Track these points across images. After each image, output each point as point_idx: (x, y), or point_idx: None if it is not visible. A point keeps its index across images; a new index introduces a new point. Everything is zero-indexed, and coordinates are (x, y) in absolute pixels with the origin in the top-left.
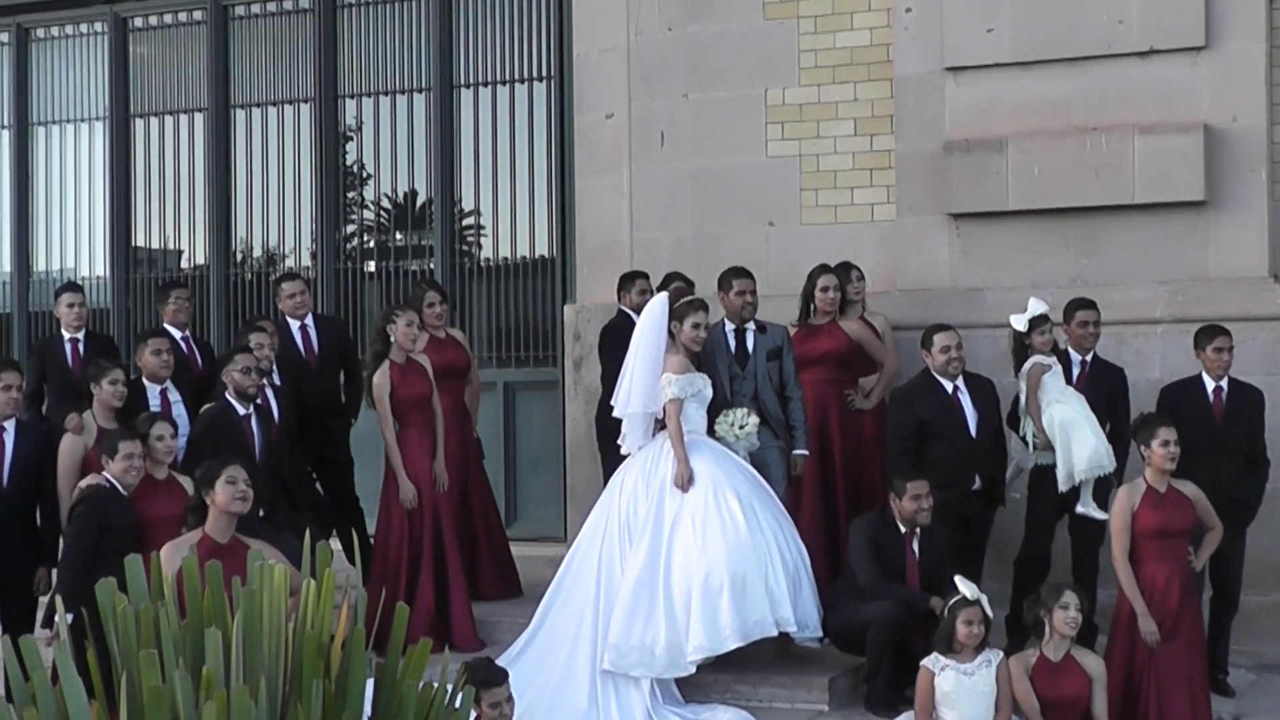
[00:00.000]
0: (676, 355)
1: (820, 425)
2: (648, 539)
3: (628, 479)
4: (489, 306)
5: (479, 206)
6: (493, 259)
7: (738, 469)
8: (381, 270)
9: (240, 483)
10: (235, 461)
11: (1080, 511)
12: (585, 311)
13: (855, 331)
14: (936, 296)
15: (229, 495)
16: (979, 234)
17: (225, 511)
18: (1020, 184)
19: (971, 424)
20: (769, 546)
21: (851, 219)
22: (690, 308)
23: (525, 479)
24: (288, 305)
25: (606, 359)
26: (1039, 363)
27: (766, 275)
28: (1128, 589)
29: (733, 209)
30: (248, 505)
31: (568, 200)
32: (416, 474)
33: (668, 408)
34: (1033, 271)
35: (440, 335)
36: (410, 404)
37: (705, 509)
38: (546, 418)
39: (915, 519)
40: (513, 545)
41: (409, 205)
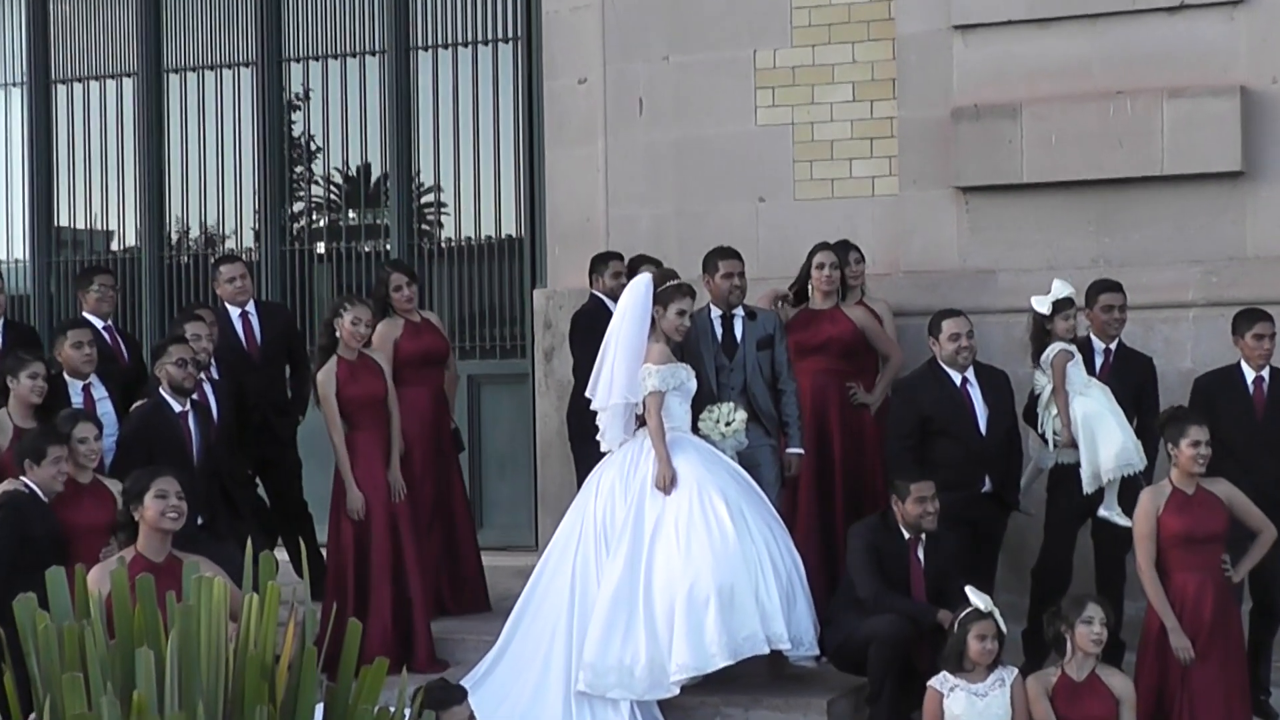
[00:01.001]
0: (658, 344)
1: (818, 421)
2: (626, 547)
3: (604, 481)
4: (451, 292)
5: (439, 182)
6: (454, 239)
7: (725, 470)
8: (332, 252)
9: (172, 496)
10: (166, 472)
11: (1103, 515)
12: (556, 297)
13: (860, 318)
14: (944, 279)
15: (159, 510)
16: (990, 210)
17: (156, 529)
18: (1036, 154)
19: (981, 419)
20: (760, 555)
21: (850, 193)
22: (676, 292)
23: (492, 482)
24: (227, 290)
25: (578, 349)
26: (1063, 349)
27: (756, 256)
28: (1155, 601)
29: (719, 183)
30: (180, 521)
31: (537, 175)
32: (367, 480)
33: (647, 401)
34: (1050, 251)
35: (414, 320)
36: (360, 405)
37: (689, 514)
38: (515, 414)
39: (920, 524)
40: None
41: (362, 181)
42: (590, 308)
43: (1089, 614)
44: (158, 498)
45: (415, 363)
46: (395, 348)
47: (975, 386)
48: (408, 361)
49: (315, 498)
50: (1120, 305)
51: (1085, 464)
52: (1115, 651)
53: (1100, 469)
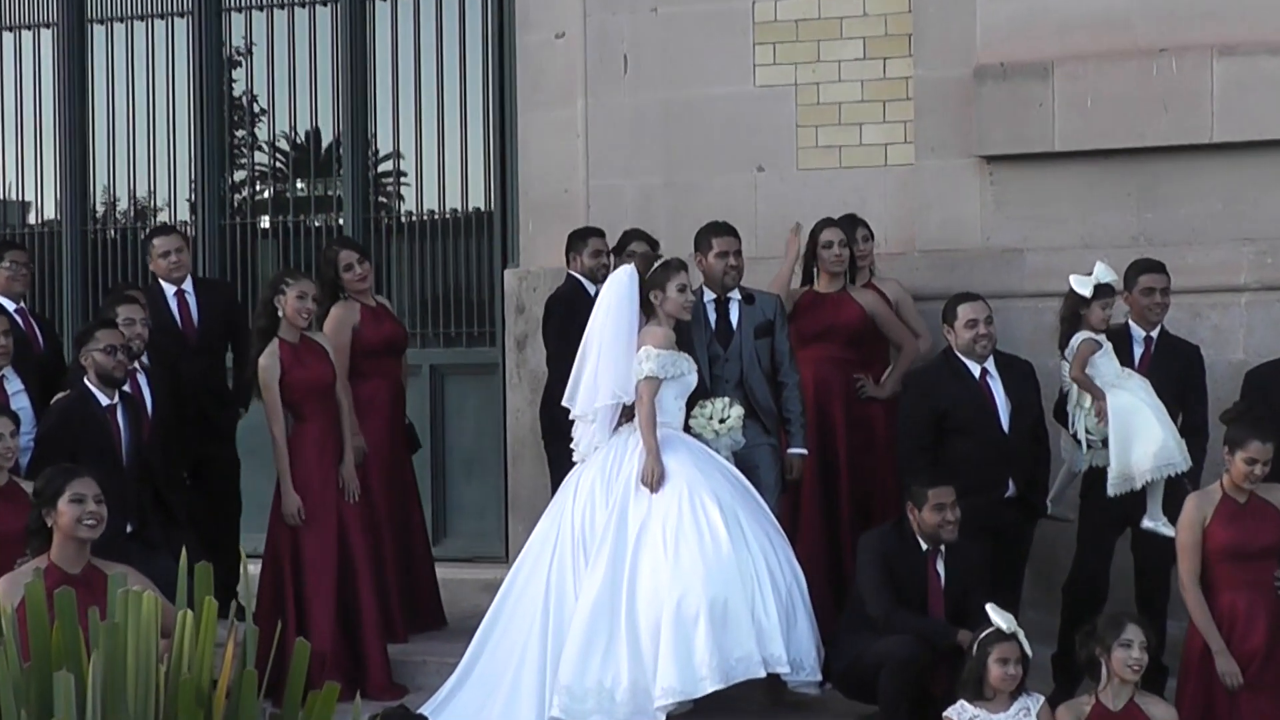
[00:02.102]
0: (661, 327)
1: (821, 418)
2: (607, 556)
3: (584, 481)
4: (411, 272)
5: (398, 148)
6: (415, 213)
7: (719, 471)
8: (278, 226)
9: (90, 500)
10: (84, 473)
11: (1147, 526)
12: (530, 278)
13: (869, 303)
14: (964, 259)
15: (74, 517)
16: (1018, 182)
17: (71, 537)
18: (1070, 119)
19: (1003, 415)
20: (757, 567)
21: (859, 163)
22: (669, 270)
23: (457, 485)
24: (162, 266)
25: (554, 337)
26: (1089, 339)
27: (754, 232)
28: (1199, 621)
29: (712, 151)
30: (99, 530)
31: (508, 141)
32: (309, 480)
33: (641, 387)
34: (1085, 228)
35: (370, 304)
36: (307, 392)
37: (679, 519)
38: (482, 409)
39: (938, 533)
40: (440, 567)
41: (311, 147)
42: (567, 290)
43: (1127, 636)
44: (73, 502)
45: (377, 352)
46: (354, 336)
47: (996, 379)
48: (369, 351)
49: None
50: (1163, 288)
51: (1114, 463)
52: (1156, 678)
53: (1133, 470)
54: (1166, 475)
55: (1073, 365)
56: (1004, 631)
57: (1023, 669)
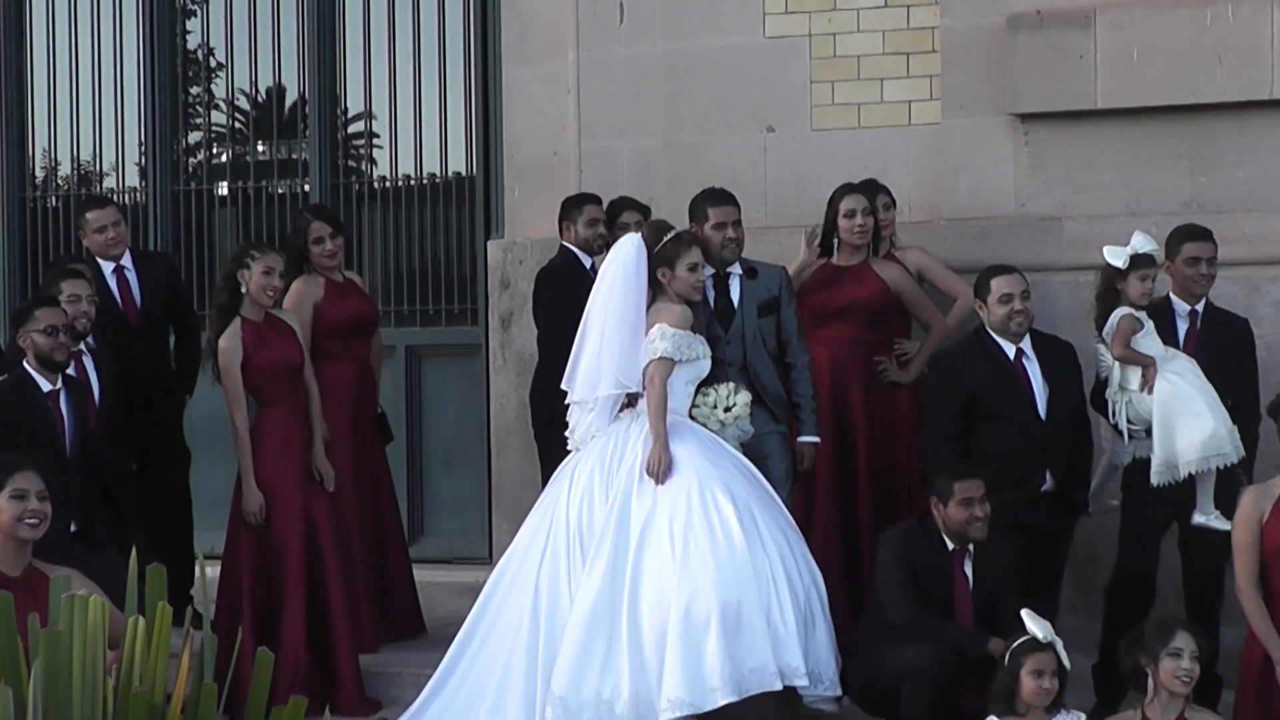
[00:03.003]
0: (677, 305)
1: (839, 403)
2: (607, 554)
3: (580, 473)
4: (385, 243)
5: (370, 107)
6: (389, 179)
7: (732, 463)
8: (237, 193)
9: (32, 497)
10: (25, 466)
11: (1198, 522)
12: (516, 249)
13: (894, 277)
14: (997, 228)
15: (15, 514)
16: (1055, 142)
17: (11, 537)
18: (1113, 73)
19: (1040, 400)
20: (774, 568)
21: (880, 122)
22: (681, 246)
23: (435, 479)
24: (97, 242)
25: (545, 314)
26: (1130, 315)
27: (764, 199)
28: (1258, 627)
29: (717, 109)
30: (42, 528)
31: (492, 98)
32: (274, 473)
33: (652, 368)
34: (1130, 194)
35: (337, 279)
36: (273, 375)
37: (688, 514)
38: (464, 394)
39: (966, 531)
40: (417, 569)
41: (275, 106)
42: (559, 263)
43: (1177, 644)
44: (14, 498)
45: (341, 332)
46: (316, 313)
47: (1032, 360)
48: (332, 330)
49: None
50: (1209, 258)
51: (1159, 450)
52: (1210, 690)
53: (1178, 458)
54: (1216, 466)
55: (1113, 344)
56: (1039, 640)
57: (1059, 682)
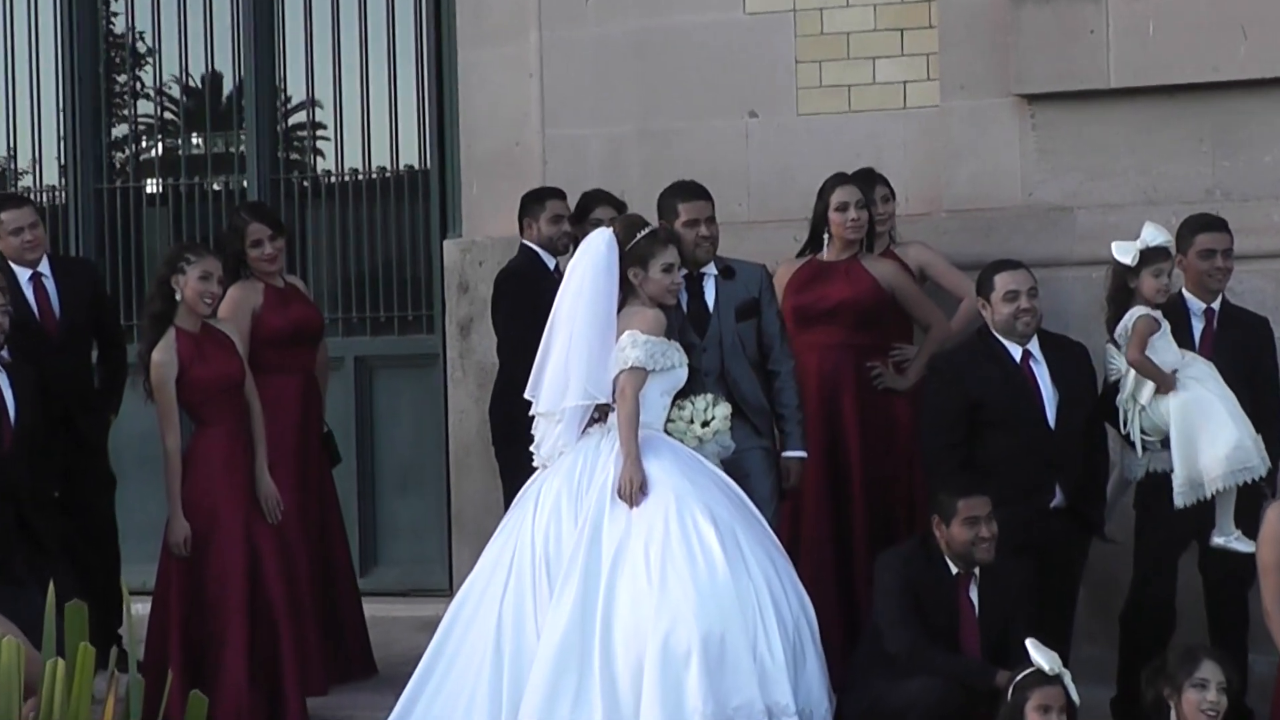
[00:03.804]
0: (649, 309)
1: (829, 413)
2: (577, 582)
3: (547, 493)
4: (330, 244)
5: (313, 94)
6: (335, 173)
7: (712, 480)
8: (169, 190)
9: None
10: None
11: (1218, 544)
12: (475, 249)
13: (887, 274)
14: (1002, 220)
15: None
16: (1065, 125)
17: None
18: (1128, 49)
19: (1049, 407)
20: (760, 596)
21: (873, 105)
22: (655, 244)
23: (389, 502)
24: (12, 245)
25: (505, 320)
26: (1147, 315)
27: (746, 191)
28: None
29: (695, 93)
30: None
31: (447, 83)
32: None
33: (623, 379)
34: (1147, 180)
35: (278, 285)
36: (211, 391)
37: (665, 538)
38: (420, 410)
39: (971, 553)
40: (369, 603)
41: (208, 94)
42: (521, 264)
43: (1203, 674)
44: None
45: (284, 342)
46: (256, 322)
47: (1041, 363)
48: (274, 341)
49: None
50: (1225, 249)
51: (1180, 468)
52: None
53: (1203, 475)
54: (1241, 481)
55: (1129, 346)
56: (1046, 673)
57: (1068, 718)
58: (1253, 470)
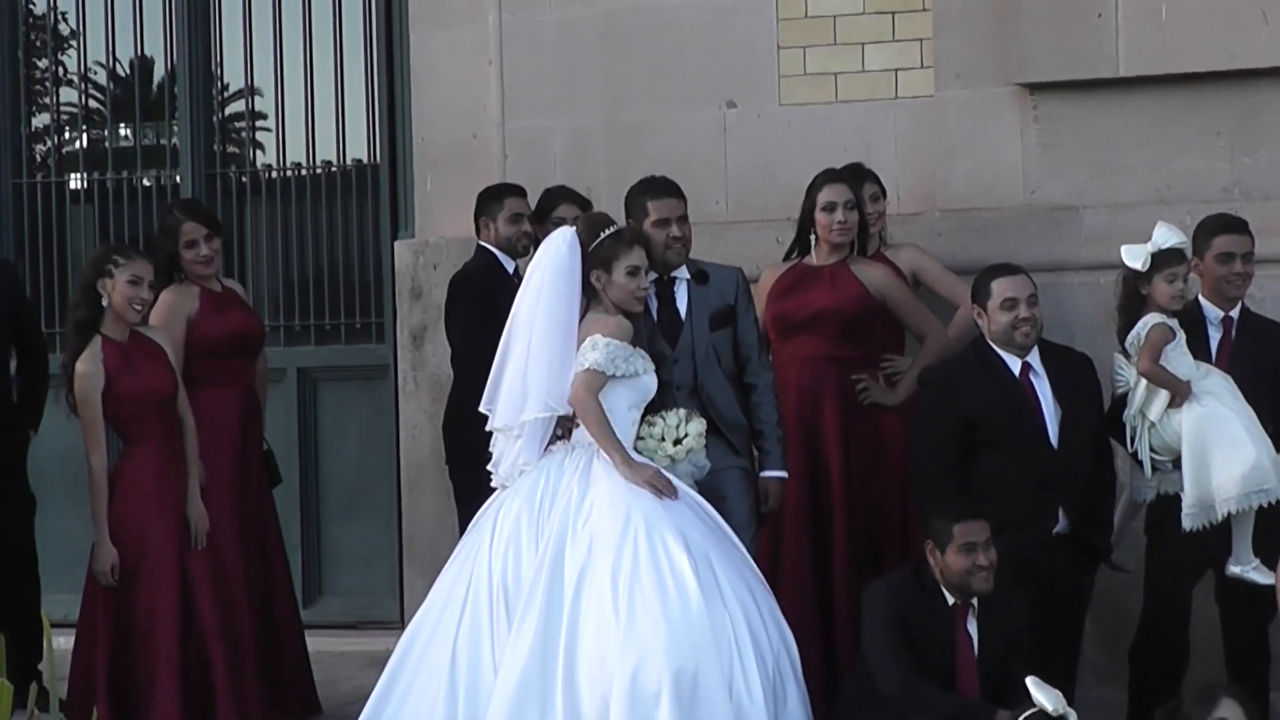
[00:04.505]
0: (612, 316)
1: (810, 430)
2: (538, 614)
3: (505, 516)
4: (271, 245)
5: (253, 82)
6: (276, 167)
7: (686, 503)
8: (95, 186)
9: None
10: None
11: (1234, 573)
12: (429, 251)
13: (876, 280)
14: (1001, 220)
15: None
16: (1070, 117)
17: None
18: (1139, 34)
19: (1051, 424)
20: (736, 628)
21: (862, 95)
22: (620, 245)
23: (334, 527)
24: None
25: (461, 328)
26: (1161, 324)
27: (724, 188)
28: None
29: (668, 81)
30: None
31: (398, 71)
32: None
33: (579, 382)
34: (1159, 178)
35: (215, 289)
36: (141, 405)
37: (634, 565)
38: (369, 426)
39: (969, 583)
40: (313, 637)
41: (139, 82)
42: (476, 267)
43: (1222, 713)
44: None
45: (221, 352)
46: (190, 330)
47: (1041, 376)
48: (210, 350)
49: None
50: (1245, 253)
51: (1190, 488)
52: None
53: (1215, 496)
54: (1258, 504)
55: (1140, 356)
56: (1049, 713)
57: None
58: (1270, 492)
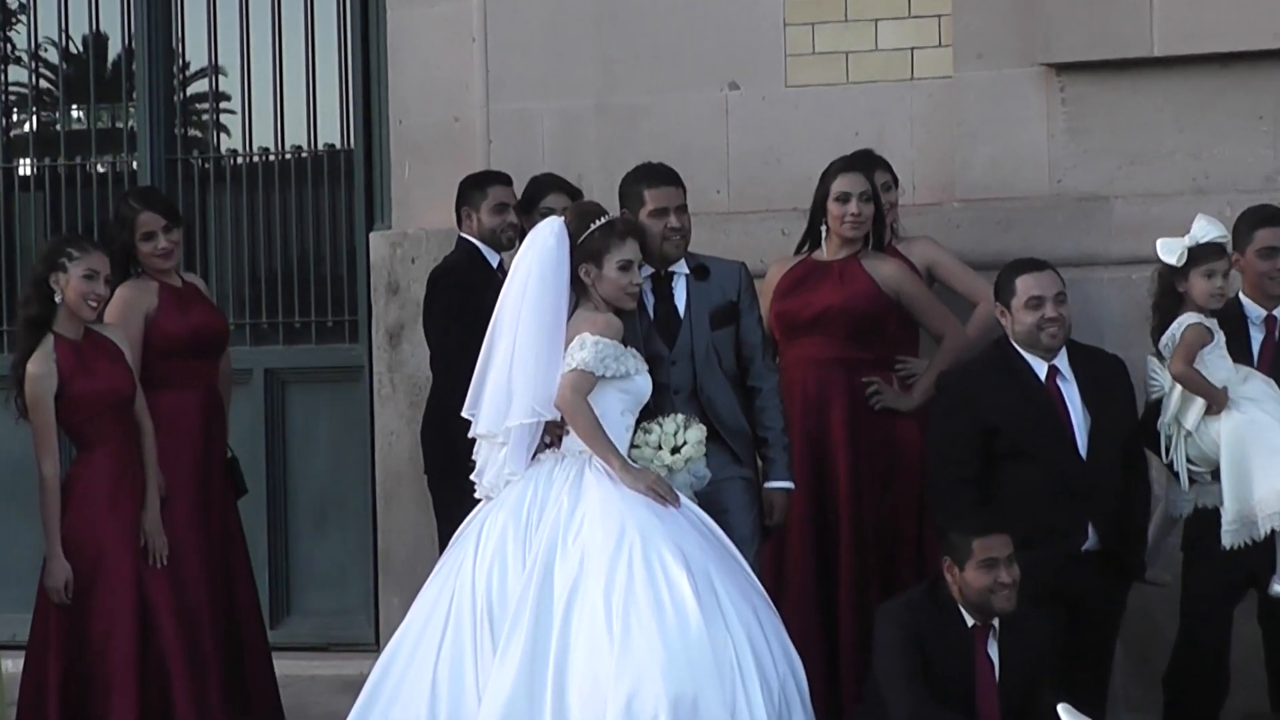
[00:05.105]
0: (601, 314)
1: (817, 438)
2: (525, 635)
3: (490, 530)
4: (236, 237)
5: (216, 60)
6: (242, 153)
7: (684, 516)
8: (45, 172)
9: None
10: None
11: (1278, 592)
12: (408, 243)
13: (889, 276)
14: (1026, 211)
15: None
16: (1101, 100)
17: None
18: (1176, 11)
19: (1080, 433)
20: (739, 651)
21: (874, 76)
22: (611, 236)
23: (305, 541)
24: None
25: (440, 326)
26: (1197, 324)
27: (725, 176)
28: None
29: (665, 60)
30: None
31: (374, 48)
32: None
33: (566, 384)
34: (1197, 165)
35: (175, 284)
36: (96, 409)
37: (628, 583)
38: (342, 432)
39: (990, 602)
40: (281, 659)
41: (93, 60)
42: (459, 261)
43: None
44: None
45: (182, 351)
46: (149, 328)
47: (1070, 381)
48: (170, 350)
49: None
50: None
51: (1230, 502)
52: None
53: (1257, 511)
54: None
55: (1173, 357)
56: None
57: None
58: None
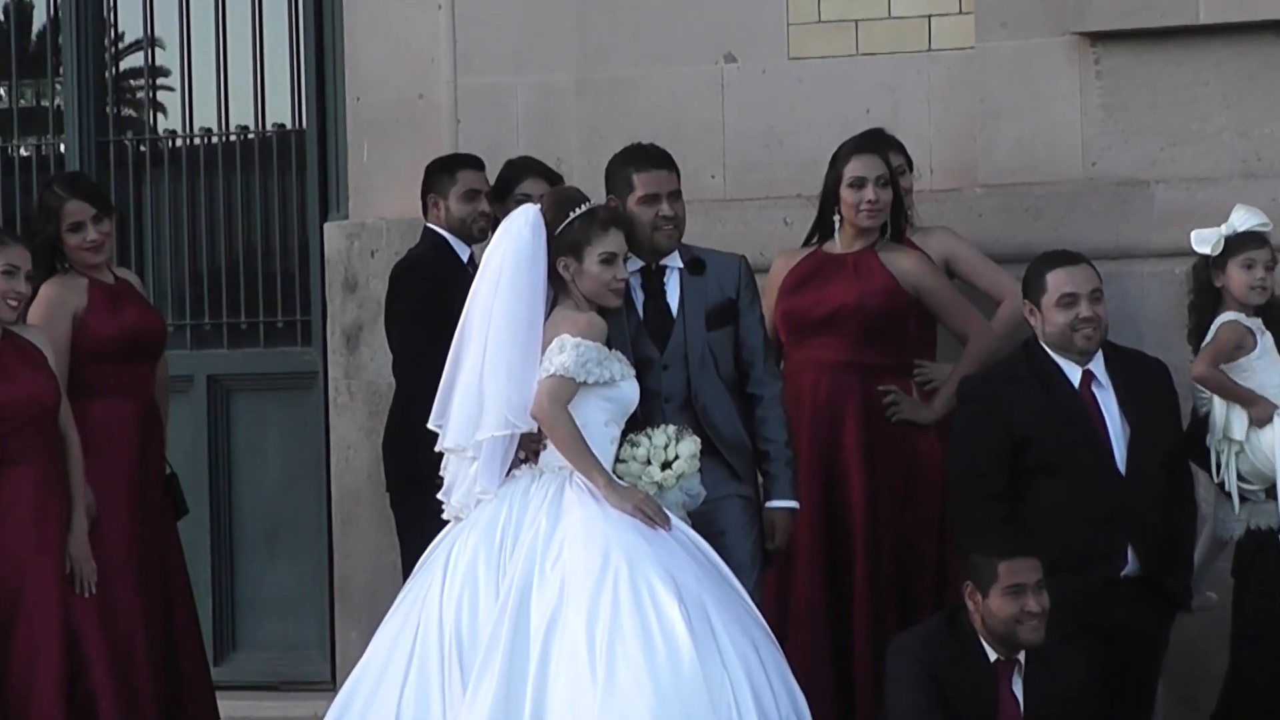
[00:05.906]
0: (582, 313)
1: (827, 452)
2: (498, 671)
3: (460, 554)
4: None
5: (152, 32)
6: (183, 134)
7: (677, 539)
8: None
9: None
10: None
11: None
12: (366, 234)
13: (910, 271)
14: (1057, 198)
15: None
16: (1139, 74)
17: None
18: None
19: (1118, 446)
20: (736, 688)
21: (887, 47)
22: (593, 226)
23: (252, 567)
24: None
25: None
26: (1234, 322)
27: (720, 158)
28: None
29: (654, 30)
30: None
31: (328, 18)
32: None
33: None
34: (1247, 145)
35: (106, 280)
36: (16, 420)
37: (613, 613)
38: (294, 445)
39: (1016, 633)
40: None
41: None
42: (425, 254)
43: None
44: None
45: (114, 355)
46: (78, 329)
47: (1106, 388)
48: (100, 353)
49: None
50: None
51: None
52: None
53: None
54: None
55: (1199, 357)
56: None
57: None
58: None
